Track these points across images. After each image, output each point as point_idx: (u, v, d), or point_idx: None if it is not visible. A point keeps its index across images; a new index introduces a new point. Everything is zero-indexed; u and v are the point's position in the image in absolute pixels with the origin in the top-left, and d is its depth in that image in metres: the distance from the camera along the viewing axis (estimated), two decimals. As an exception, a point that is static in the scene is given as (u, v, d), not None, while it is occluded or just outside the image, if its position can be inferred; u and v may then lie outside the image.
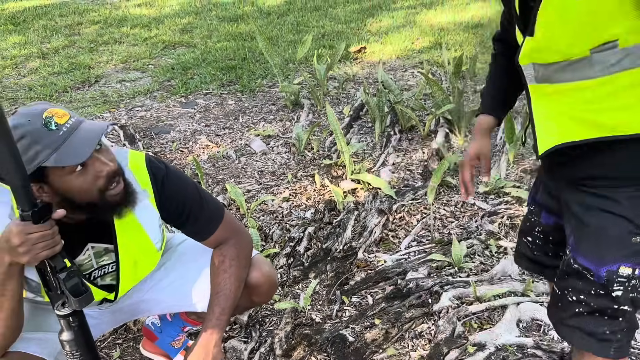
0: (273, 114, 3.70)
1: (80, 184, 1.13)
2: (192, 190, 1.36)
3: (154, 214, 1.31)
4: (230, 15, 6.13)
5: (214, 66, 4.58)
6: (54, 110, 1.11)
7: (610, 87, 0.97)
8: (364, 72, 4.28)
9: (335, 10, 6.08)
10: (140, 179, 1.29)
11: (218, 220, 1.38)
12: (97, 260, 1.31)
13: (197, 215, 1.35)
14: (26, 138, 1.07)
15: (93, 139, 1.11)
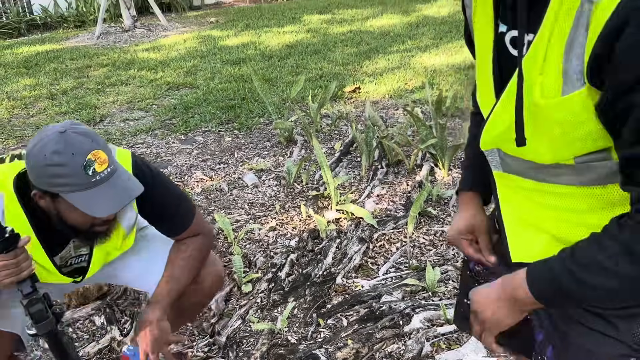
0: (267, 150, 3.85)
1: (80, 218, 1.26)
2: (172, 194, 1.49)
3: (132, 214, 1.46)
4: (233, 58, 6.39)
5: (215, 105, 4.78)
6: (98, 154, 1.20)
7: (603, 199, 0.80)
8: (357, 110, 4.44)
9: (334, 53, 6.33)
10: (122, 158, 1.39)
11: (190, 220, 1.51)
12: (75, 251, 1.45)
13: (172, 217, 1.49)
14: (63, 167, 1.17)
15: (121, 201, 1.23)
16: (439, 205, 2.87)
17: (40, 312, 1.23)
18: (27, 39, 8.71)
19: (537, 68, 0.75)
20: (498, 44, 0.85)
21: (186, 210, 1.51)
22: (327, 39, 7.09)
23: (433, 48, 6.17)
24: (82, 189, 1.18)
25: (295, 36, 7.38)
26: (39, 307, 1.23)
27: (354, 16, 8.49)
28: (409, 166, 3.27)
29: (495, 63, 0.85)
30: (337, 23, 8.08)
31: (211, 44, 7.26)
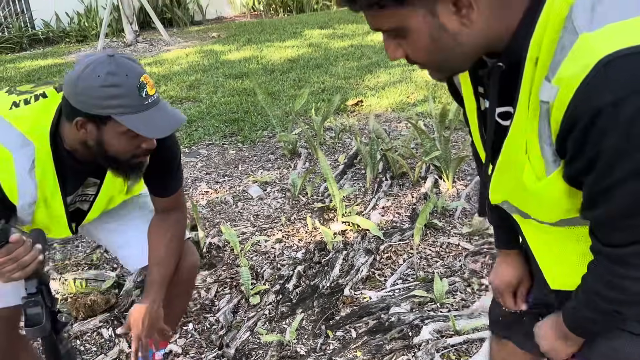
0: (271, 163, 3.87)
1: (125, 145, 1.26)
2: (178, 152, 1.52)
3: None
4: (236, 72, 6.43)
5: (218, 119, 4.80)
6: (148, 78, 1.24)
7: None
8: (360, 123, 4.47)
9: (336, 67, 6.38)
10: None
11: (181, 183, 1.55)
12: (83, 189, 1.46)
13: (171, 174, 1.51)
14: (118, 88, 1.19)
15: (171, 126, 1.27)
16: (444, 217, 2.87)
17: (37, 315, 1.22)
18: (29, 54, 8.76)
19: (522, 148, 0.83)
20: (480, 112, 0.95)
21: (181, 172, 1.56)
22: (328, 53, 7.14)
23: (434, 62, 6.21)
24: (136, 110, 1.20)
25: (296, 50, 7.44)
26: (37, 310, 1.22)
27: (355, 31, 8.57)
28: (414, 178, 3.29)
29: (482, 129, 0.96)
30: (338, 37, 8.14)
31: (213, 58, 7.31)
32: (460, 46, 0.79)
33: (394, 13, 0.77)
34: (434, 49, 0.80)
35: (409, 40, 0.80)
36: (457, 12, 0.75)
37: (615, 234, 0.80)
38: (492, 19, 0.77)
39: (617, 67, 0.67)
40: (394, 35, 0.81)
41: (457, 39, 0.78)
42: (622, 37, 0.68)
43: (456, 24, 0.76)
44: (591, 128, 0.70)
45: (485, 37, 0.78)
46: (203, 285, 2.43)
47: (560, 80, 0.72)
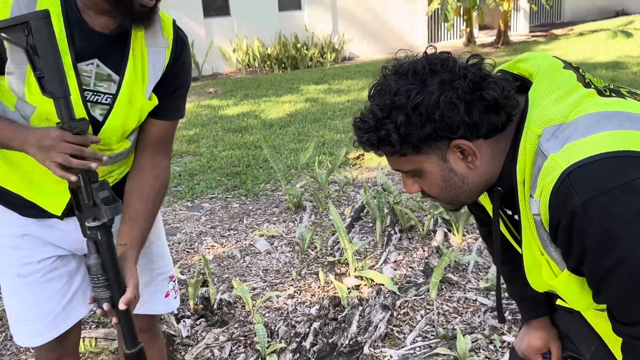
0: (276, 216, 3.84)
1: None
2: (189, 76, 1.42)
3: (162, 60, 1.32)
4: (235, 126, 6.49)
5: (220, 172, 4.80)
6: None
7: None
8: (363, 176, 4.48)
9: (334, 121, 6.46)
10: (165, 27, 1.32)
11: (179, 116, 1.43)
12: (95, 82, 1.26)
13: (177, 96, 1.38)
14: None
15: None
16: (458, 271, 2.84)
17: (108, 198, 1.19)
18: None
19: (538, 251, 0.96)
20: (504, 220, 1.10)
21: (184, 105, 1.44)
22: (325, 108, 7.26)
23: (430, 116, 6.33)
24: None
25: (294, 105, 7.55)
26: (107, 193, 1.19)
27: (350, 87, 8.75)
28: (423, 232, 3.27)
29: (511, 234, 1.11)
30: (334, 93, 8.30)
31: (212, 113, 7.39)
32: (467, 185, 0.96)
33: (412, 159, 0.94)
34: (445, 187, 0.96)
35: (425, 179, 0.97)
36: (464, 159, 0.93)
37: (628, 313, 0.88)
38: (490, 162, 0.95)
39: (578, 175, 0.82)
40: (411, 174, 0.98)
41: (464, 180, 0.96)
42: (580, 151, 0.83)
43: (463, 168, 0.94)
44: (571, 229, 0.84)
45: (487, 176, 0.96)
46: (216, 344, 2.34)
47: (538, 194, 0.87)
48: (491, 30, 13.98)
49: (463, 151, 0.92)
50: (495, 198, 1.00)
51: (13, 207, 1.36)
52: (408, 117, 0.88)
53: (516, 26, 14.61)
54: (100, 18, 1.22)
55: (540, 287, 1.06)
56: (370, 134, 0.93)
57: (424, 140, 0.90)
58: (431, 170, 0.94)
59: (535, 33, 14.29)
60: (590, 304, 0.97)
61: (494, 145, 0.94)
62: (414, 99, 0.88)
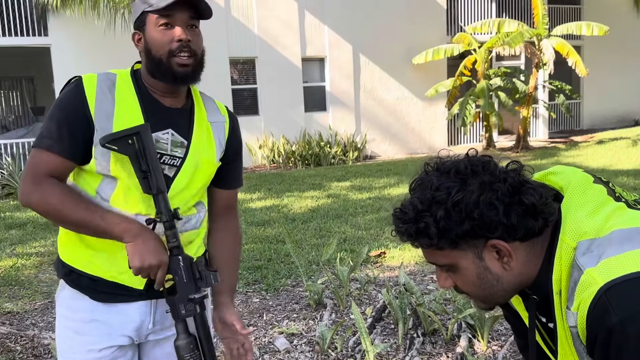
0: (296, 313, 3.78)
1: (159, 37, 1.37)
2: (242, 147, 1.64)
3: (223, 133, 1.55)
4: (258, 220, 6.58)
5: (241, 266, 4.80)
6: None
7: None
8: (385, 275, 4.44)
9: (355, 218, 6.52)
10: (220, 108, 1.58)
11: (240, 184, 1.65)
12: (172, 148, 1.45)
13: (237, 164, 1.60)
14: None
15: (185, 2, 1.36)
16: (484, 380, 2.72)
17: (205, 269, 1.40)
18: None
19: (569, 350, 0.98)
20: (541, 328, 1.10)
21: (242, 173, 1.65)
22: (347, 204, 7.35)
23: (452, 217, 6.35)
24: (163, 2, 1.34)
25: (316, 201, 7.67)
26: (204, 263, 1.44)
27: (372, 184, 8.91)
28: (446, 336, 3.18)
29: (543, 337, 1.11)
30: (356, 190, 8.44)
31: (235, 206, 7.52)
32: (502, 285, 0.98)
33: (448, 253, 0.96)
34: (480, 285, 0.98)
35: (459, 275, 0.99)
36: (500, 259, 0.96)
37: None
38: (526, 265, 0.97)
39: (615, 292, 0.84)
40: (446, 269, 1.00)
41: (499, 279, 0.98)
42: (616, 269, 0.86)
43: (499, 268, 0.96)
44: (608, 344, 0.85)
45: (520, 278, 0.98)
46: None
47: (576, 307, 0.89)
48: (511, 135, 14.32)
49: (499, 251, 0.94)
50: (531, 306, 1.01)
51: (87, 290, 1.44)
52: (448, 212, 0.92)
53: (536, 132, 14.95)
54: (168, 98, 1.46)
55: None
56: (409, 224, 0.96)
57: (462, 237, 0.93)
58: (466, 267, 0.96)
59: (555, 139, 14.58)
60: None
61: (530, 249, 0.96)
62: (454, 196, 0.92)
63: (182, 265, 1.34)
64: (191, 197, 1.49)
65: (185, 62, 1.38)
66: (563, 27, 12.23)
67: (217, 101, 1.60)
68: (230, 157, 1.56)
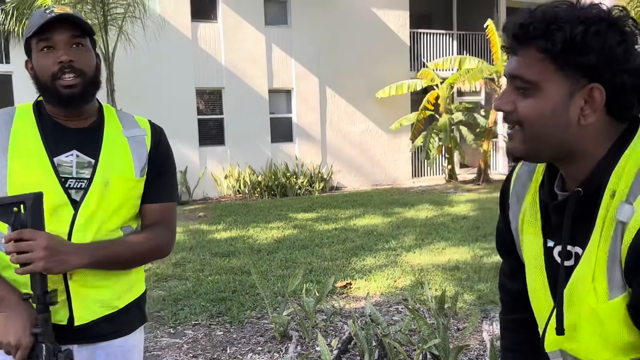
0: (261, 345, 3.72)
1: (42, 61, 1.35)
2: (173, 161, 1.55)
3: (144, 147, 1.47)
4: (222, 251, 6.50)
5: (205, 298, 4.72)
6: (65, 8, 1.38)
7: None
8: (351, 306, 4.44)
9: (322, 249, 6.52)
10: (141, 122, 1.52)
11: (171, 199, 1.52)
12: (77, 170, 1.39)
13: (166, 178, 1.51)
14: (32, 17, 1.37)
15: (59, 20, 1.32)
16: (449, 411, 2.73)
17: None
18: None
19: (590, 276, 0.90)
20: (547, 256, 1.00)
21: (175, 188, 1.55)
22: (313, 235, 7.35)
23: (416, 248, 6.43)
24: (37, 23, 1.32)
25: (282, 232, 7.64)
26: None
27: (337, 215, 8.94)
28: (412, 367, 3.18)
29: (548, 272, 0.99)
30: (322, 221, 8.46)
31: (200, 237, 7.42)
32: (563, 133, 0.89)
33: (548, 72, 0.87)
34: (545, 119, 0.89)
35: (533, 100, 0.89)
36: (584, 107, 0.88)
37: None
38: (595, 137, 0.90)
39: None
40: (524, 89, 0.90)
41: (567, 126, 0.89)
42: None
43: (576, 115, 0.88)
44: None
45: (580, 143, 0.90)
46: None
47: (638, 203, 0.83)
48: (472, 168, 14.69)
49: (590, 100, 0.87)
50: (571, 201, 0.91)
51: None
52: (586, 34, 0.85)
53: (496, 165, 15.38)
54: (73, 120, 1.43)
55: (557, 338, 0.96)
56: (541, 22, 0.87)
57: (578, 65, 0.85)
58: (550, 95, 0.87)
59: (514, 171, 14.98)
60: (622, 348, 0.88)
61: (607, 129, 0.90)
62: (599, 25, 0.85)
63: (45, 354, 1.26)
64: (108, 218, 1.40)
65: (70, 82, 1.35)
66: (520, 65, 12.75)
67: (137, 116, 1.55)
68: (155, 170, 1.48)
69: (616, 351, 0.89)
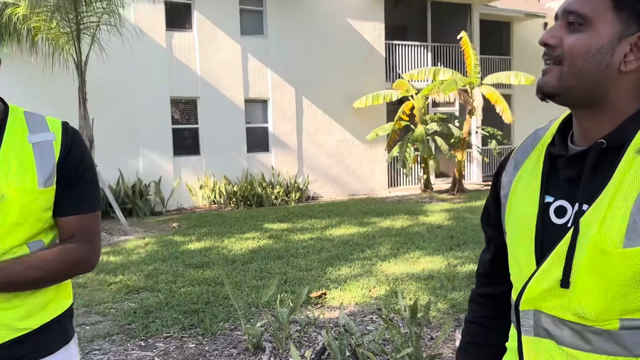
0: (234, 357, 3.67)
1: None
2: (91, 167, 1.37)
3: (51, 153, 1.31)
4: (196, 262, 6.41)
5: (177, 310, 4.64)
6: None
7: None
8: (325, 316, 4.41)
9: (297, 259, 6.48)
10: (51, 124, 1.34)
11: (91, 208, 1.36)
12: None
13: (81, 187, 1.34)
14: None
15: None
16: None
17: None
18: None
19: (596, 225, 0.86)
20: (541, 214, 0.96)
21: (96, 196, 1.39)
22: (289, 245, 7.31)
23: (392, 257, 6.44)
24: None
25: (257, 242, 7.59)
26: None
27: (313, 225, 8.92)
28: (385, 376, 3.17)
29: (539, 230, 0.95)
30: (298, 231, 8.42)
31: (173, 248, 7.32)
32: (602, 73, 0.89)
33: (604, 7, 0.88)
34: (588, 55, 0.89)
35: (581, 35, 0.89)
36: (628, 53, 0.88)
37: None
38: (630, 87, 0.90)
39: None
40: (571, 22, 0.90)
41: (607, 68, 0.89)
42: None
43: (619, 59, 0.88)
44: None
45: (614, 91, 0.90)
46: None
47: None
48: (447, 177, 14.84)
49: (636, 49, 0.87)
50: (595, 150, 0.90)
51: None
52: None
53: (470, 175, 15.56)
54: None
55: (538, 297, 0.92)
56: None
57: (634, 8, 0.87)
58: (600, 33, 0.88)
59: (488, 182, 15.21)
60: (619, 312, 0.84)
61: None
62: None
63: None
64: (6, 234, 1.26)
65: None
66: (493, 76, 12.99)
67: (50, 118, 1.38)
68: (67, 179, 1.33)
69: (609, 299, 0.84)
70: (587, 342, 0.87)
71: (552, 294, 0.90)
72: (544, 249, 0.93)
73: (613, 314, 0.85)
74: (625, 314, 0.84)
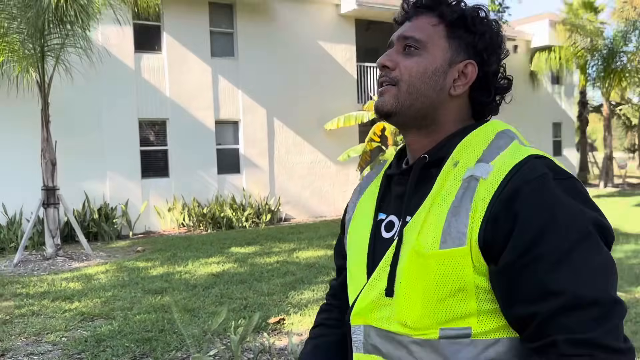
0: (182, 389, 3.54)
1: None
2: None
3: None
4: (155, 287, 6.26)
5: (129, 338, 4.49)
6: None
7: None
8: (281, 343, 4.31)
9: (260, 283, 6.37)
10: None
11: None
12: None
13: None
14: None
15: None
16: None
17: None
18: None
19: (416, 232, 0.90)
20: (374, 230, 1.01)
21: None
22: (254, 269, 7.20)
23: (356, 280, 6.37)
24: None
25: (222, 266, 7.46)
26: None
27: (281, 248, 8.83)
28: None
29: (371, 246, 1.00)
30: (265, 254, 8.32)
31: (134, 273, 7.15)
32: (436, 95, 0.97)
33: (437, 34, 0.97)
34: (425, 76, 0.96)
35: (417, 59, 0.97)
36: (457, 79, 0.98)
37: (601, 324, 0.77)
38: (456, 109, 0.99)
39: (535, 162, 0.88)
40: (408, 46, 0.98)
41: (441, 89, 0.98)
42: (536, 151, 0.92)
43: (449, 83, 0.98)
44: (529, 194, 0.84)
45: (443, 111, 0.99)
46: None
47: (496, 162, 0.88)
48: (420, 197, 14.87)
49: (464, 74, 0.97)
50: (418, 164, 0.97)
51: None
52: (477, 17, 0.99)
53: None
54: None
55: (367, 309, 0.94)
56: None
57: (463, 39, 0.98)
58: (433, 57, 0.97)
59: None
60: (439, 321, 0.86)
61: (464, 110, 1.00)
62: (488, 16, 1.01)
63: None
64: None
65: None
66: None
67: None
68: None
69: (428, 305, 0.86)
70: (410, 353, 0.88)
71: (379, 303, 0.92)
72: (375, 263, 0.96)
73: (432, 321, 0.86)
74: (444, 324, 0.86)
